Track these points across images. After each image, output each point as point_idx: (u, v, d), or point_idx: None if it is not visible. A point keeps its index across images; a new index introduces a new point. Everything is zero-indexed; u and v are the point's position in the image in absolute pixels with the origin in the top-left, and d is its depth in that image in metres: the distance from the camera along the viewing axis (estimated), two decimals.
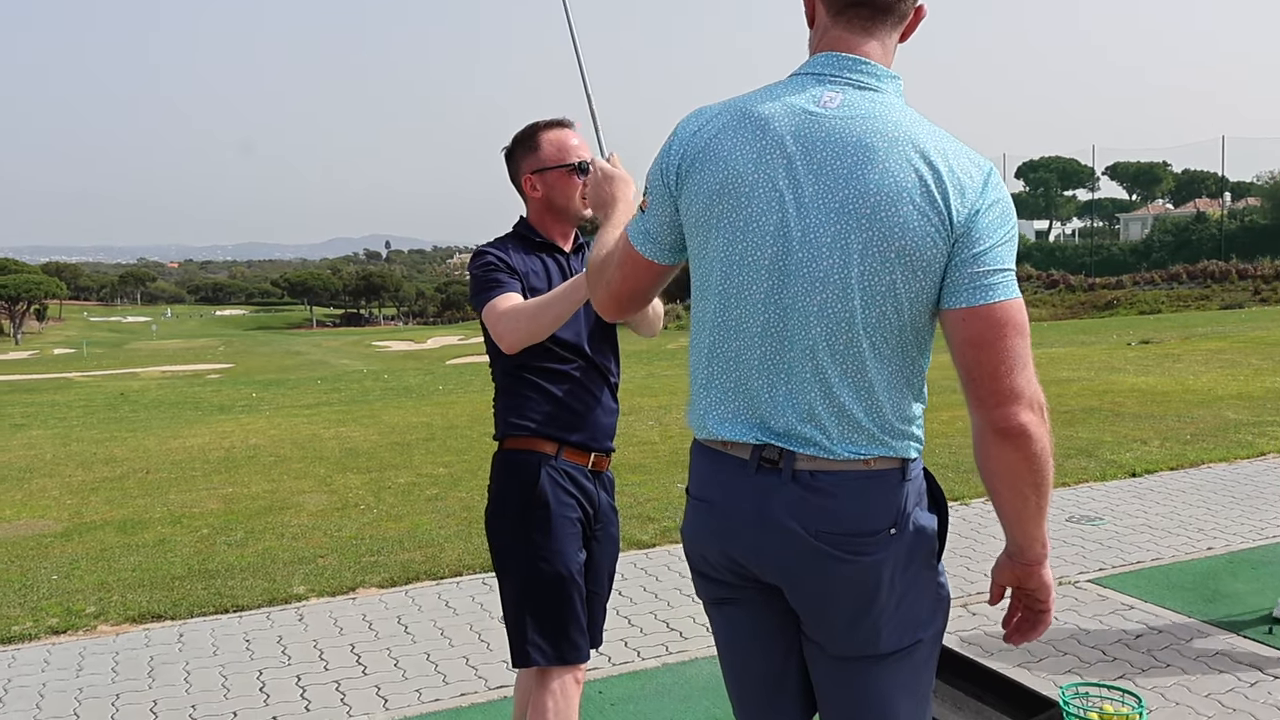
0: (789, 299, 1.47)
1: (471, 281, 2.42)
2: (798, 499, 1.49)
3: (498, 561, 2.44)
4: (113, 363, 44.46)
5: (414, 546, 5.25)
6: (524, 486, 2.36)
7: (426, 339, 62.61)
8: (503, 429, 2.43)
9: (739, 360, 1.52)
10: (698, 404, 1.60)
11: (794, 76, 1.56)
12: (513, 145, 2.49)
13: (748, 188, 1.48)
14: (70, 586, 4.79)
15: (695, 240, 1.56)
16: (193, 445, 8.89)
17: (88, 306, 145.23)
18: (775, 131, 1.48)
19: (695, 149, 1.53)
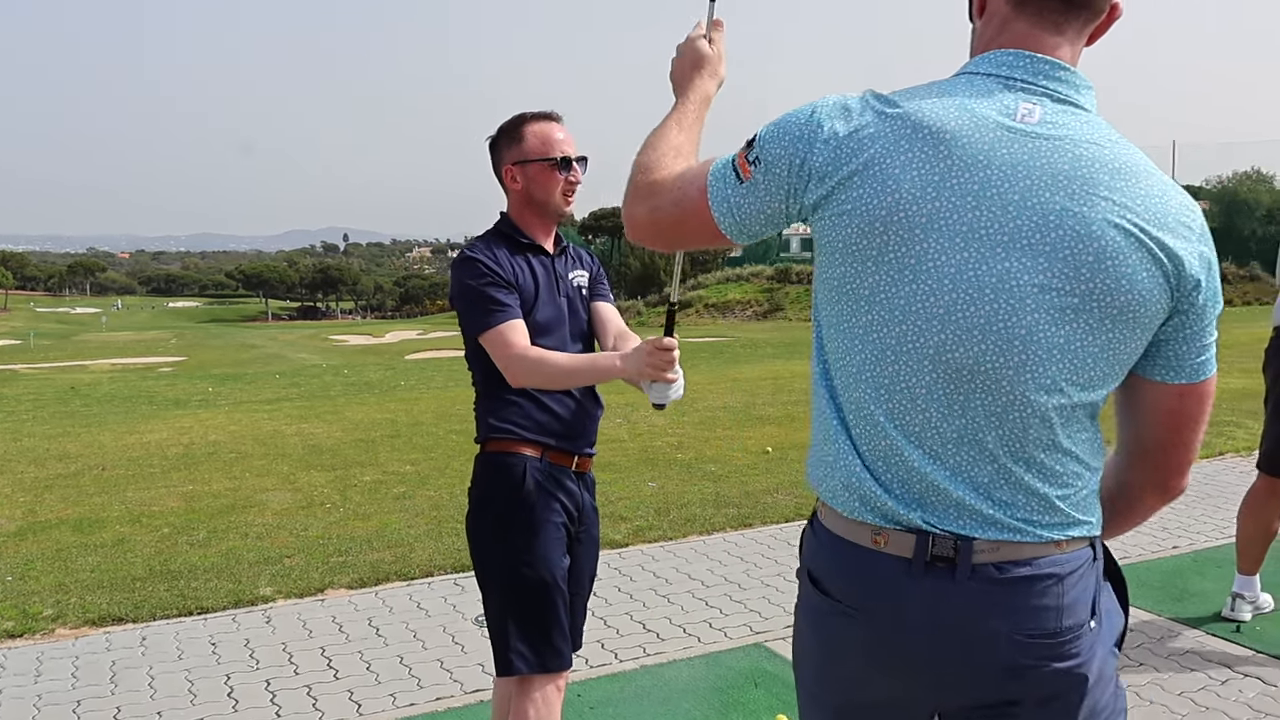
0: (969, 359, 1.21)
1: (463, 292, 2.32)
2: (983, 599, 1.23)
3: (480, 567, 2.39)
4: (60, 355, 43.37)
5: (383, 546, 5.17)
6: (509, 490, 2.32)
7: (385, 333, 61.97)
8: (485, 431, 2.38)
9: (898, 425, 1.25)
10: (836, 470, 1.31)
11: (971, 76, 1.27)
12: (497, 135, 2.43)
13: (924, 219, 1.20)
14: (26, 588, 4.64)
15: (839, 268, 1.26)
16: (150, 441, 8.69)
17: (34, 297, 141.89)
18: (963, 150, 1.20)
19: (849, 157, 1.23)
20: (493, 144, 2.43)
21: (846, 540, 1.30)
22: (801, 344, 21.98)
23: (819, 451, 1.36)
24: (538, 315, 2.36)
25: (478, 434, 2.41)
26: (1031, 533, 1.24)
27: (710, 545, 5.15)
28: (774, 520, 5.54)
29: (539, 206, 2.40)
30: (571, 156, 2.38)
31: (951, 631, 1.24)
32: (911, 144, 1.21)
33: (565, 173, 2.37)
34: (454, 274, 2.36)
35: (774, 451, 7.37)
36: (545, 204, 2.40)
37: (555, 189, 2.38)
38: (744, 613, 4.19)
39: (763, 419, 8.86)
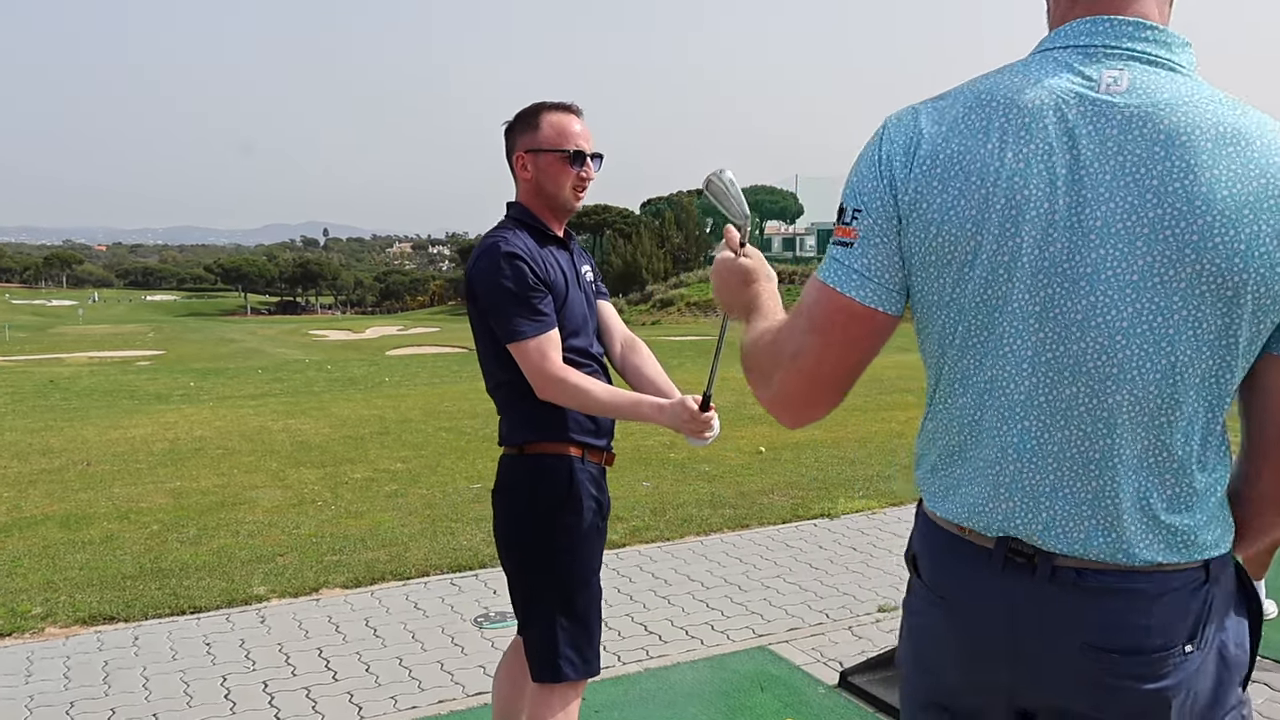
0: (1069, 358, 1.10)
1: (499, 292, 2.19)
2: (1061, 602, 1.15)
3: (524, 572, 2.32)
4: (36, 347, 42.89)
5: (377, 545, 5.11)
6: (558, 492, 2.26)
7: (365, 329, 61.66)
8: (524, 433, 2.30)
9: (992, 434, 1.17)
10: (935, 476, 1.25)
11: (1044, 53, 1.16)
12: (513, 121, 2.35)
13: (1013, 209, 1.10)
14: (13, 586, 4.55)
15: (932, 279, 1.17)
16: (134, 436, 8.57)
17: (10, 289, 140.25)
18: (1044, 127, 1.10)
19: (928, 154, 1.14)
20: (508, 129, 2.36)
21: (938, 525, 1.26)
22: None
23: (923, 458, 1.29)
24: (567, 314, 2.29)
25: (511, 435, 2.32)
26: (1126, 551, 1.13)
27: (708, 546, 5.12)
28: (771, 521, 5.52)
29: (547, 199, 2.33)
30: (586, 152, 2.31)
31: (1027, 628, 1.18)
32: (987, 127, 1.12)
33: (578, 167, 2.30)
34: (487, 267, 2.21)
35: (767, 451, 7.35)
36: (554, 197, 2.32)
37: (566, 183, 2.30)
38: (745, 615, 4.16)
39: (754, 418, 8.84)
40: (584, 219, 64.57)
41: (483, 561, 4.82)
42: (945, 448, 1.23)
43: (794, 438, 7.87)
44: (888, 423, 8.59)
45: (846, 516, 5.59)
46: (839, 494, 5.99)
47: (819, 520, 5.54)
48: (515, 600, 2.38)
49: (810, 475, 6.55)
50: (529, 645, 2.32)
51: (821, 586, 4.47)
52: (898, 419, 8.81)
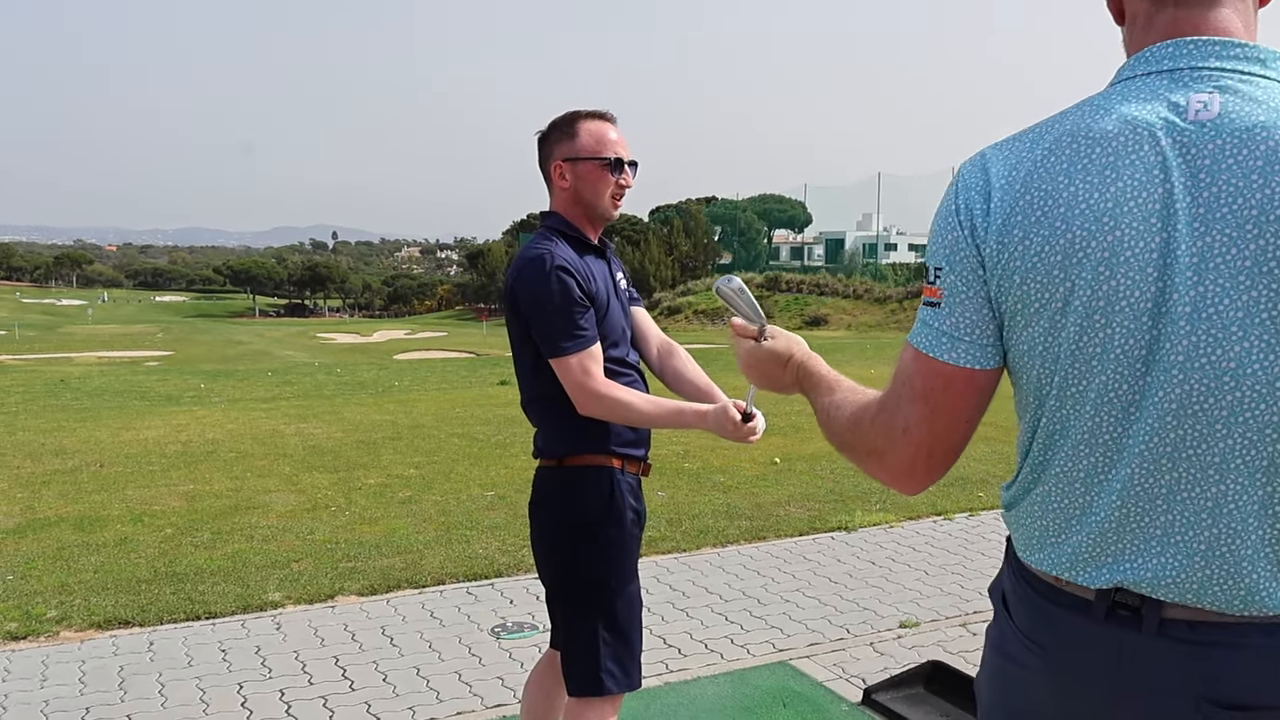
0: (1173, 401, 1.05)
1: (545, 305, 2.15)
2: (1171, 658, 1.08)
3: (564, 585, 2.29)
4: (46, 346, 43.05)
5: (392, 552, 5.08)
6: (601, 505, 2.25)
7: (372, 332, 61.75)
8: (565, 445, 2.27)
9: (1100, 481, 1.10)
10: (1029, 526, 1.18)
11: (1125, 82, 1.11)
12: (548, 129, 2.32)
13: (1106, 252, 1.04)
14: (28, 588, 4.53)
15: (1022, 329, 1.11)
16: (147, 438, 8.56)
17: (20, 288, 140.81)
18: (1132, 163, 1.04)
19: (1009, 201, 1.09)
20: (542, 138, 2.33)
21: (1032, 569, 1.19)
22: None
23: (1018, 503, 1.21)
24: (608, 324, 2.27)
25: (550, 447, 2.29)
26: (1246, 600, 1.06)
27: (725, 558, 5.08)
28: (788, 534, 5.47)
29: (586, 207, 2.29)
30: (625, 159, 2.29)
31: (1130, 686, 1.10)
32: (1075, 164, 1.07)
33: (617, 174, 2.27)
34: (533, 279, 2.18)
35: (782, 462, 7.31)
36: (593, 205, 2.29)
37: (606, 190, 2.27)
38: (765, 629, 4.12)
39: (768, 429, 8.79)
40: None
41: (499, 570, 4.78)
42: (1042, 498, 1.16)
43: (808, 449, 7.82)
44: None
45: (864, 529, 5.54)
46: (855, 506, 5.95)
47: (836, 533, 5.49)
48: (554, 613, 2.35)
49: (826, 487, 6.50)
50: (569, 658, 2.29)
51: (841, 601, 4.42)
52: None
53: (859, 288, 45.74)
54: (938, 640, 3.97)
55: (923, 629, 4.09)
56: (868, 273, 49.02)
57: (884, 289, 45.03)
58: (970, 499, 6.15)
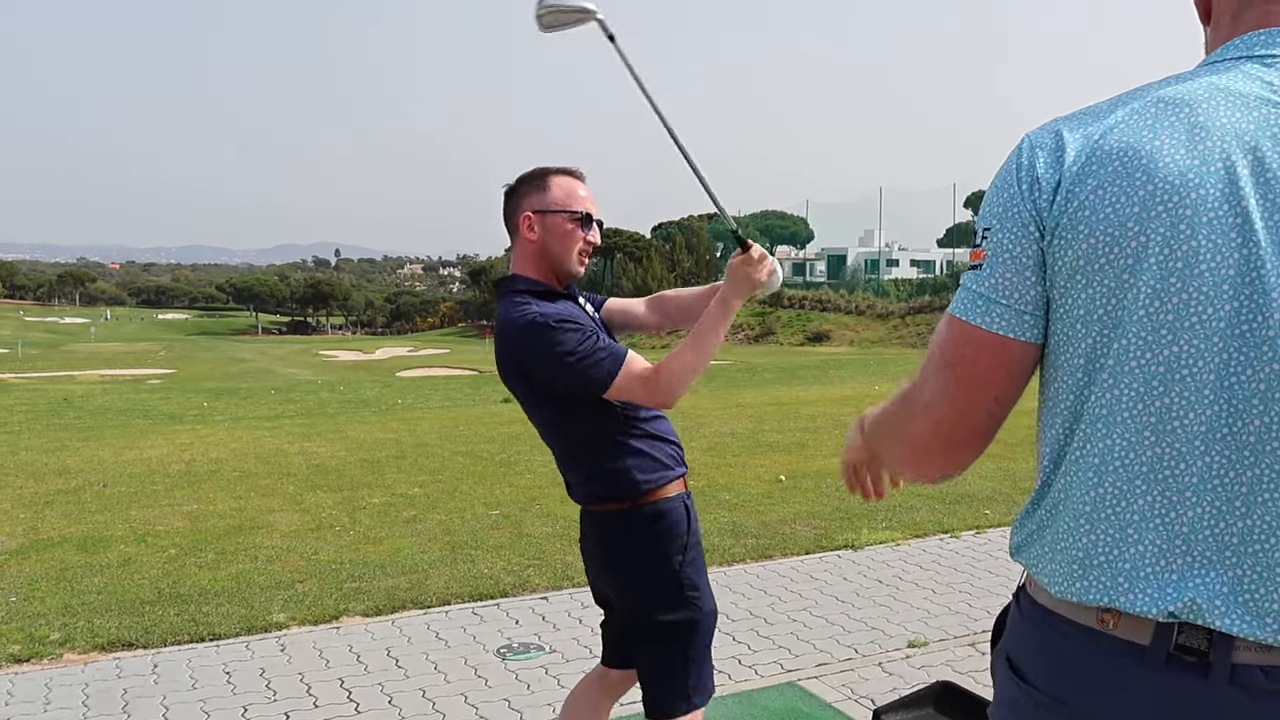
0: (1260, 381, 0.94)
1: (563, 360, 2.12)
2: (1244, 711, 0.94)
3: (660, 618, 2.26)
4: (48, 364, 43.10)
5: (397, 572, 5.05)
6: (681, 534, 2.26)
7: (375, 349, 61.80)
8: (628, 487, 2.22)
9: (1166, 475, 0.97)
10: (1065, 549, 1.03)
11: (1215, 64, 1.04)
12: (516, 183, 2.30)
13: (1186, 209, 0.95)
14: (31, 610, 4.51)
15: (1080, 289, 1.01)
16: (150, 457, 8.55)
17: (23, 306, 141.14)
18: (1221, 125, 0.96)
19: (1083, 153, 1.01)
20: (510, 191, 2.30)
21: (1062, 616, 1.03)
22: (800, 369, 21.94)
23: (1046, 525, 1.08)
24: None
25: (615, 491, 2.23)
26: None
27: (731, 577, 5.05)
28: (794, 552, 5.45)
29: (553, 261, 2.26)
30: (594, 215, 2.29)
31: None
32: (1154, 132, 0.98)
33: (586, 230, 2.27)
34: (536, 344, 2.15)
35: (787, 480, 7.28)
36: (560, 260, 2.26)
37: (574, 246, 2.26)
38: (773, 649, 4.09)
39: (772, 446, 8.78)
40: None
41: (504, 590, 4.76)
42: (1086, 508, 1.01)
43: (814, 466, 7.80)
44: None
45: (870, 548, 5.51)
46: (862, 524, 5.92)
47: (843, 551, 5.46)
48: (634, 642, 2.33)
49: (832, 505, 6.47)
50: (654, 684, 2.29)
51: (849, 620, 4.39)
52: None
53: (861, 304, 45.78)
54: (947, 660, 3.94)
55: (931, 648, 4.06)
56: (870, 289, 49.05)
57: (886, 305, 45.07)
58: (977, 516, 6.12)
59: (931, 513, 6.19)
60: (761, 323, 46.81)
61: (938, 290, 46.01)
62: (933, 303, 44.02)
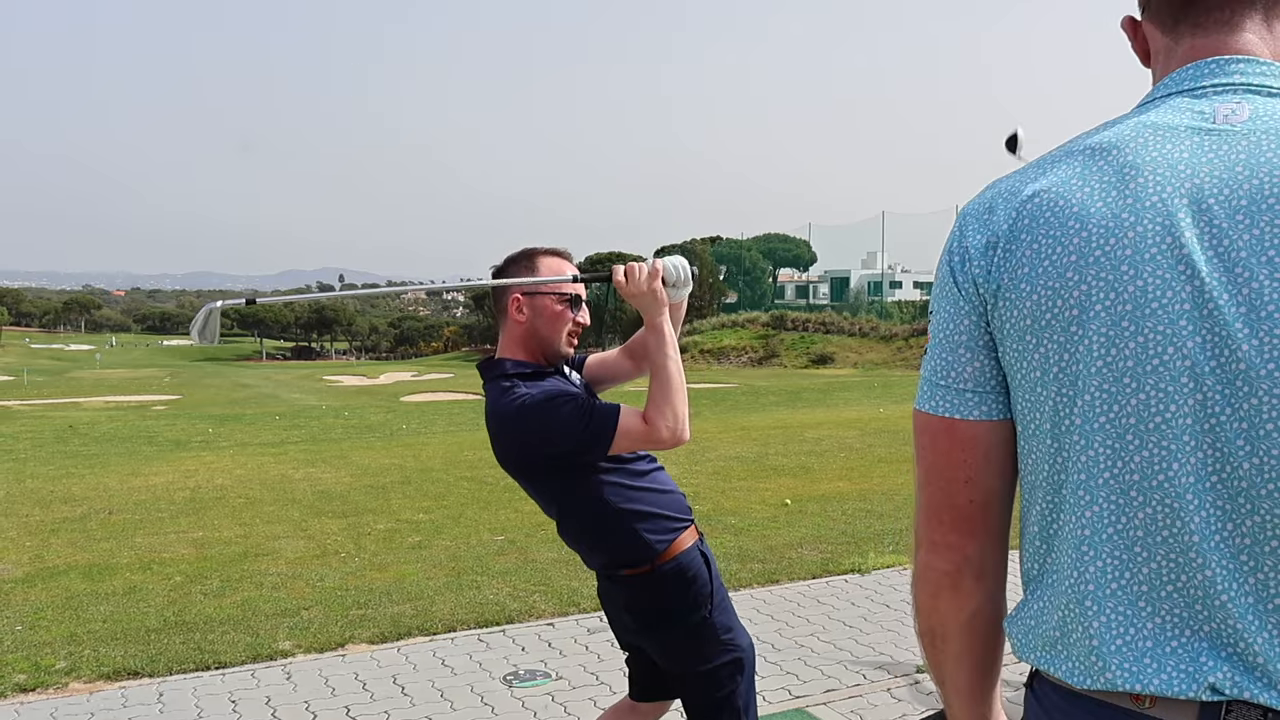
0: (1245, 423, 0.87)
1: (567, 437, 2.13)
2: None
3: (691, 663, 2.29)
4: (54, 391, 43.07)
5: (403, 599, 5.04)
6: (703, 584, 2.28)
7: (380, 374, 61.75)
8: (646, 550, 2.24)
9: (1165, 537, 0.90)
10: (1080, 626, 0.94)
11: (1149, 103, 1.02)
12: (505, 264, 2.31)
13: (1125, 248, 0.92)
14: (37, 639, 4.50)
15: (1032, 349, 0.97)
16: (156, 484, 8.56)
17: (29, 333, 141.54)
18: (1152, 161, 0.94)
19: (1017, 211, 0.99)
20: (498, 272, 2.31)
21: (1092, 699, 0.94)
22: (804, 392, 21.92)
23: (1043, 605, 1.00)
24: None
25: (634, 555, 2.24)
26: None
27: (738, 602, 4.95)
28: (801, 577, 5.43)
29: (541, 343, 2.27)
30: (583, 297, 2.31)
31: None
32: (1084, 180, 0.96)
33: (575, 311, 2.28)
34: (538, 425, 2.14)
35: (793, 504, 7.27)
36: (549, 341, 2.27)
37: (563, 328, 2.26)
38: (780, 674, 4.07)
39: (778, 470, 8.77)
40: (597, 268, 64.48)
41: (510, 617, 4.75)
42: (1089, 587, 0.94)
43: (819, 490, 7.79)
44: (912, 474, 8.48)
45: (878, 571, 5.49)
46: (869, 548, 5.90)
47: (850, 575, 5.44)
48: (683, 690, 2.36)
49: (838, 529, 6.46)
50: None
51: (857, 645, 4.37)
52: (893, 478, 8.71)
53: (865, 325, 45.79)
54: None
55: None
56: (873, 311, 49.09)
57: (890, 326, 45.07)
58: None
59: None
60: (765, 345, 46.81)
61: None
62: None
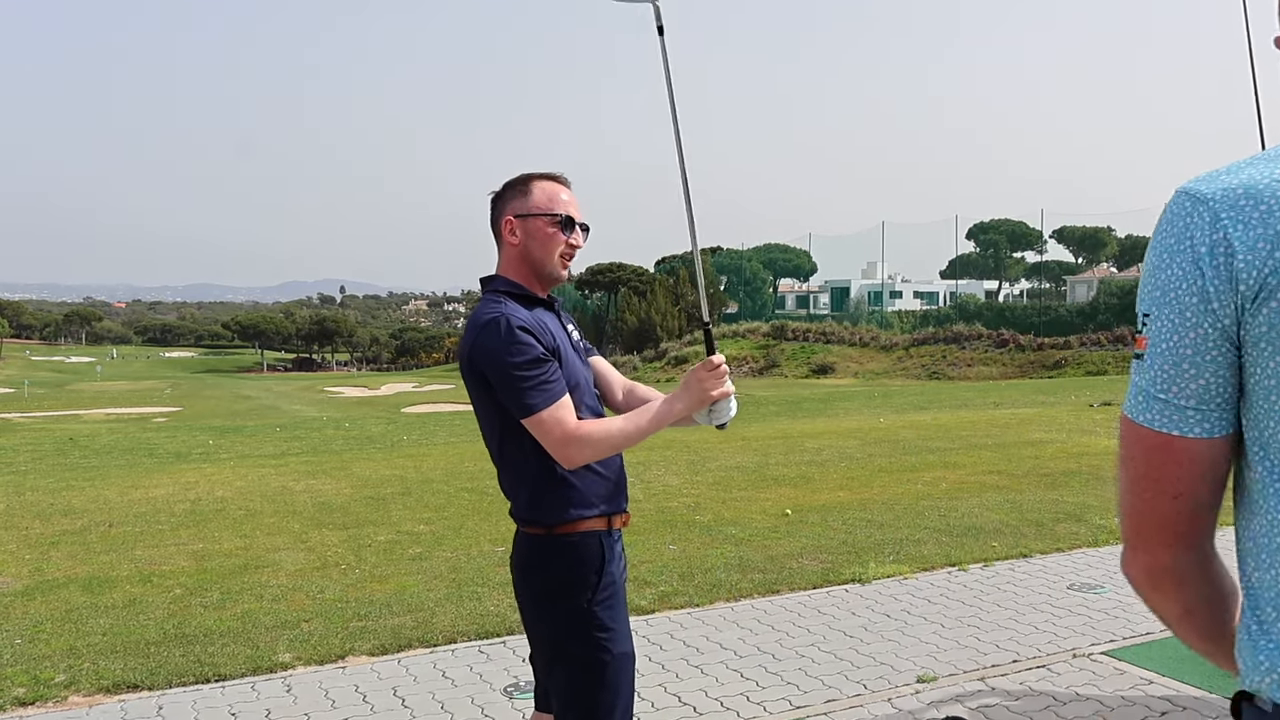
0: None
1: (504, 368, 2.13)
2: None
3: (559, 649, 2.25)
4: (55, 404, 43.07)
5: (403, 610, 5.03)
6: (590, 570, 2.22)
7: (380, 385, 61.76)
8: (551, 514, 2.22)
9: None
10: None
11: None
12: (502, 188, 2.33)
13: None
14: (36, 652, 4.49)
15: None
16: (156, 496, 8.55)
17: (30, 345, 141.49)
18: None
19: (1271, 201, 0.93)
20: (496, 197, 2.34)
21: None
22: (805, 402, 21.91)
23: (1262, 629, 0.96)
24: (567, 375, 2.24)
25: (536, 514, 2.24)
26: None
27: (739, 612, 5.02)
28: (802, 586, 5.42)
29: (534, 265, 2.28)
30: (576, 219, 2.31)
31: None
32: None
33: (568, 233, 2.28)
34: (492, 343, 2.15)
35: (794, 514, 7.26)
36: (542, 263, 2.28)
37: (555, 249, 2.27)
38: (781, 685, 4.06)
39: (778, 480, 8.76)
40: (598, 277, 64.81)
41: (510, 628, 4.74)
42: None
43: (820, 500, 7.78)
44: (913, 484, 8.48)
45: (878, 581, 5.48)
46: (869, 558, 5.89)
47: (850, 585, 5.43)
48: (547, 679, 2.31)
49: (839, 538, 6.45)
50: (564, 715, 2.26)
51: (857, 655, 4.37)
52: (923, 479, 8.70)
53: (865, 335, 45.80)
54: (956, 695, 3.91)
55: (940, 683, 4.03)
56: (873, 320, 49.08)
57: (890, 336, 45.10)
58: (984, 549, 6.09)
59: (939, 546, 6.17)
60: (765, 355, 46.79)
61: (941, 322, 46.02)
62: (936, 334, 44.02)
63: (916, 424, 13.61)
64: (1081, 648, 4.42)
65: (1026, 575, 5.55)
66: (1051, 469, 8.98)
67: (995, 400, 19.45)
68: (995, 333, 43.02)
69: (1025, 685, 4.00)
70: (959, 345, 42.54)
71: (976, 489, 8.07)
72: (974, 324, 44.16)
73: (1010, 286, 70.86)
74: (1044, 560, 5.87)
